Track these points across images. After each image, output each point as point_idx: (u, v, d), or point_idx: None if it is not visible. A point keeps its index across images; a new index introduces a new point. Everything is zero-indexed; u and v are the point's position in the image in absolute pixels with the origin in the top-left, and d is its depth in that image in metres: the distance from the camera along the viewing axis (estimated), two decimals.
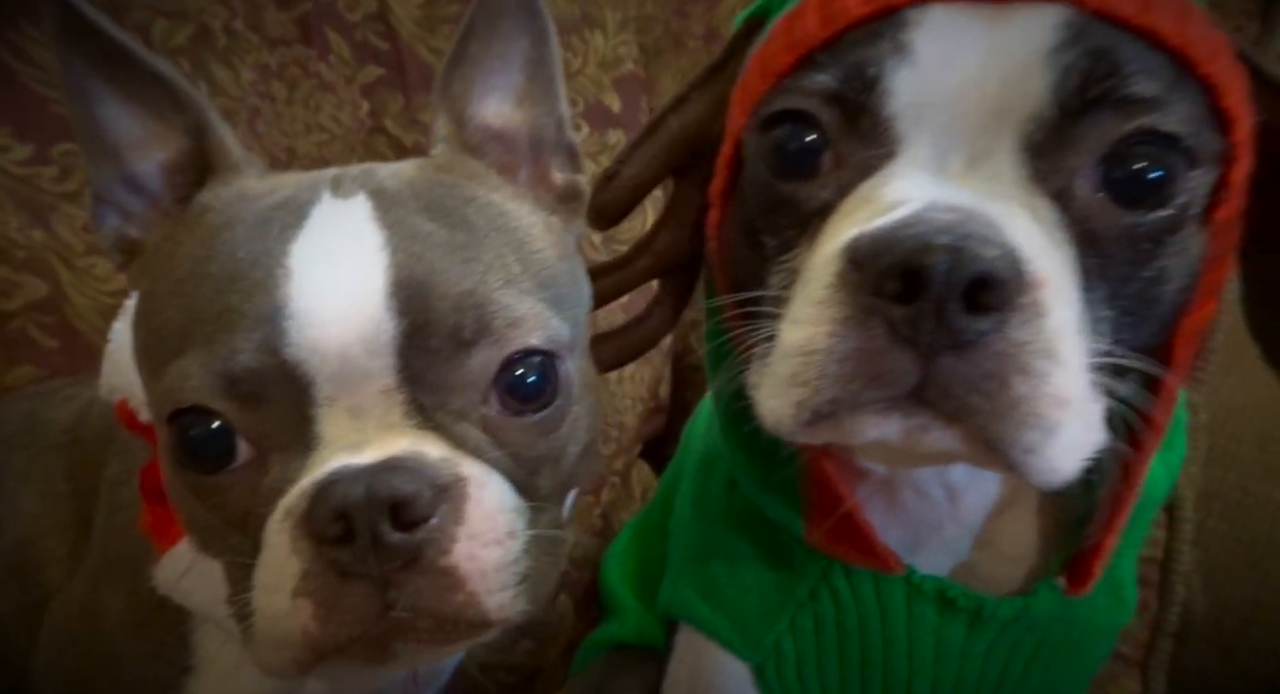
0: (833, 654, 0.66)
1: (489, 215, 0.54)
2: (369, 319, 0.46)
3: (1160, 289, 0.47)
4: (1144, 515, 0.65)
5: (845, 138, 0.47)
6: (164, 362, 0.47)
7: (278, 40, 1.16)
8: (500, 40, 0.59)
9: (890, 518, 0.61)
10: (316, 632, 0.45)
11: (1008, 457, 0.42)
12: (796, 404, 0.44)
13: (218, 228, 0.50)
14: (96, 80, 0.53)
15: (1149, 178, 0.44)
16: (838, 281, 0.42)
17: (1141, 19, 0.44)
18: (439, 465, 0.47)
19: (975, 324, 0.40)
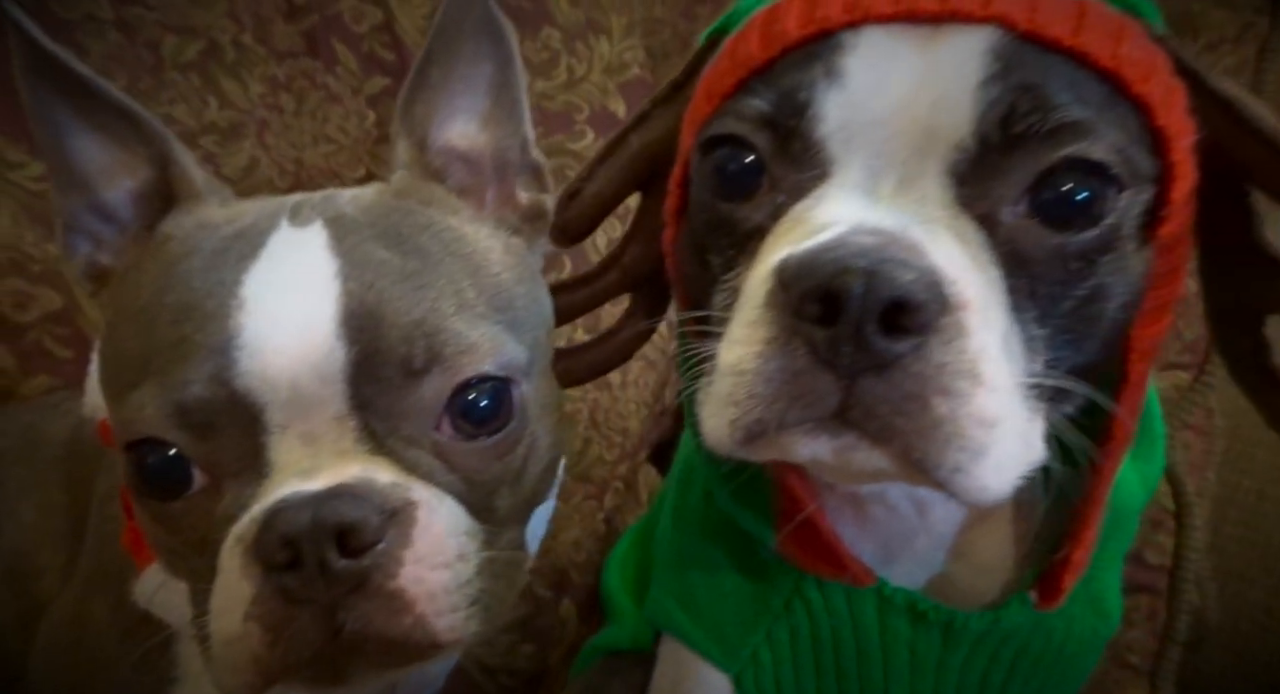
0: (809, 666, 0.66)
1: (445, 241, 0.54)
2: (319, 347, 0.47)
3: (1099, 307, 0.47)
4: (1122, 528, 0.64)
5: (779, 161, 0.47)
6: (123, 391, 0.49)
7: (285, 53, 1.18)
8: (463, 64, 0.60)
9: (860, 531, 0.61)
10: (266, 655, 0.46)
11: (935, 476, 0.42)
12: (730, 423, 0.44)
13: (177, 257, 0.51)
14: (64, 112, 0.55)
15: (1076, 200, 0.44)
16: (767, 302, 0.43)
17: (1073, 41, 0.44)
18: (388, 490, 0.47)
19: (893, 346, 0.41)
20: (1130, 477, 0.61)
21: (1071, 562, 0.57)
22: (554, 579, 1.14)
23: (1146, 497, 0.63)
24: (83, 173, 0.56)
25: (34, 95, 0.54)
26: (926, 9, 0.45)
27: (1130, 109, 0.46)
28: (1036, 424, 0.46)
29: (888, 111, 0.45)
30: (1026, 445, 0.45)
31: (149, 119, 0.56)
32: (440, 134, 0.60)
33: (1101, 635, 0.67)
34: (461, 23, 0.59)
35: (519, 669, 1.12)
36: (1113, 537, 0.64)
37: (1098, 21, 0.45)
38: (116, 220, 0.57)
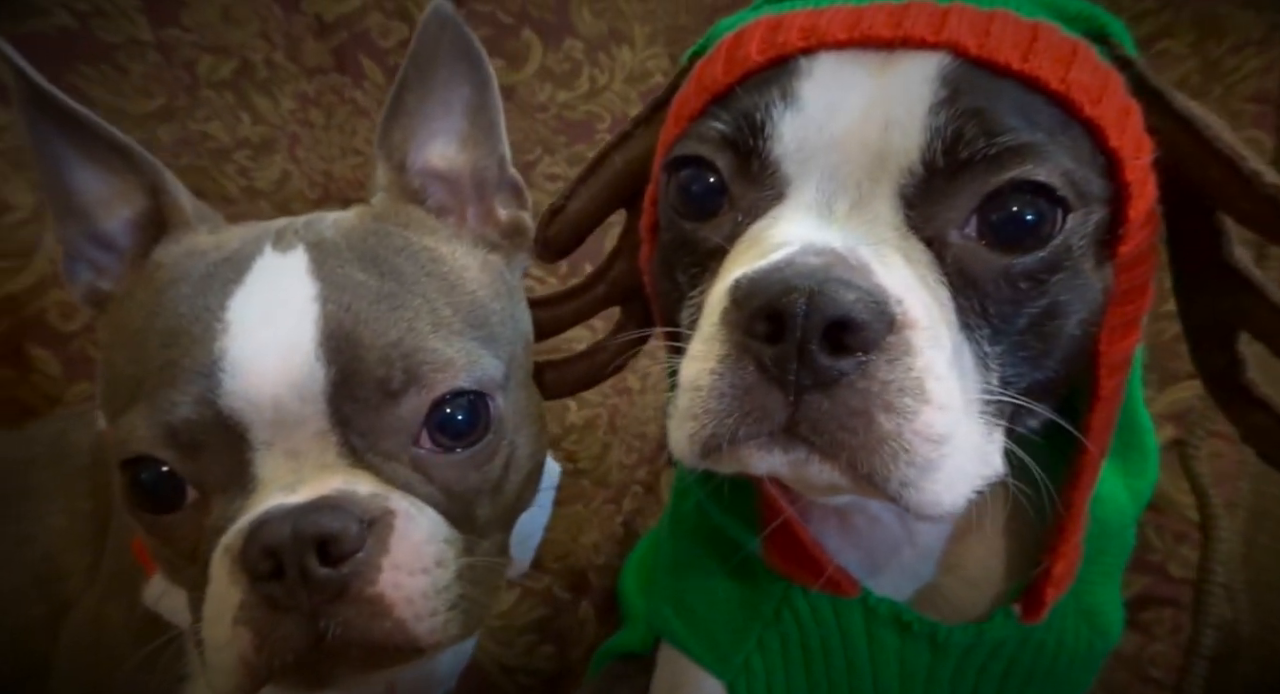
0: (800, 674, 0.66)
1: (421, 261, 0.56)
2: (300, 368, 0.49)
3: (1055, 324, 0.47)
4: (1114, 543, 0.63)
5: (739, 181, 0.49)
6: (118, 411, 0.52)
7: (315, 70, 1.22)
8: (439, 88, 0.62)
9: (845, 541, 0.62)
10: (254, 658, 0.48)
11: (884, 490, 0.43)
12: (689, 437, 0.45)
13: (166, 284, 0.54)
14: (62, 146, 0.58)
15: (1021, 222, 0.45)
16: (722, 320, 0.44)
17: (1022, 66, 0.45)
18: (367, 501, 0.50)
19: (836, 363, 0.41)
20: (1117, 491, 0.60)
21: (1052, 575, 0.57)
22: (573, 581, 1.15)
23: (1137, 511, 0.62)
24: (81, 204, 0.60)
25: (33, 131, 0.58)
26: (879, 35, 0.46)
27: (1082, 131, 0.46)
28: (994, 440, 0.47)
29: (841, 134, 0.46)
30: (981, 461, 0.46)
31: (141, 152, 0.59)
32: (419, 156, 0.63)
33: (1098, 650, 0.66)
34: (435, 49, 0.61)
35: (538, 669, 1.14)
36: (1105, 551, 0.63)
37: (1048, 47, 0.46)
38: (114, 248, 0.60)
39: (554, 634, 1.14)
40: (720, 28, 0.54)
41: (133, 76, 1.13)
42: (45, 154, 0.58)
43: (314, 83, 1.22)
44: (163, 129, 1.14)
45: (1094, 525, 0.59)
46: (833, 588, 0.61)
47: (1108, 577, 0.65)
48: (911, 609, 0.63)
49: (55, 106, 0.57)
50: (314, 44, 1.22)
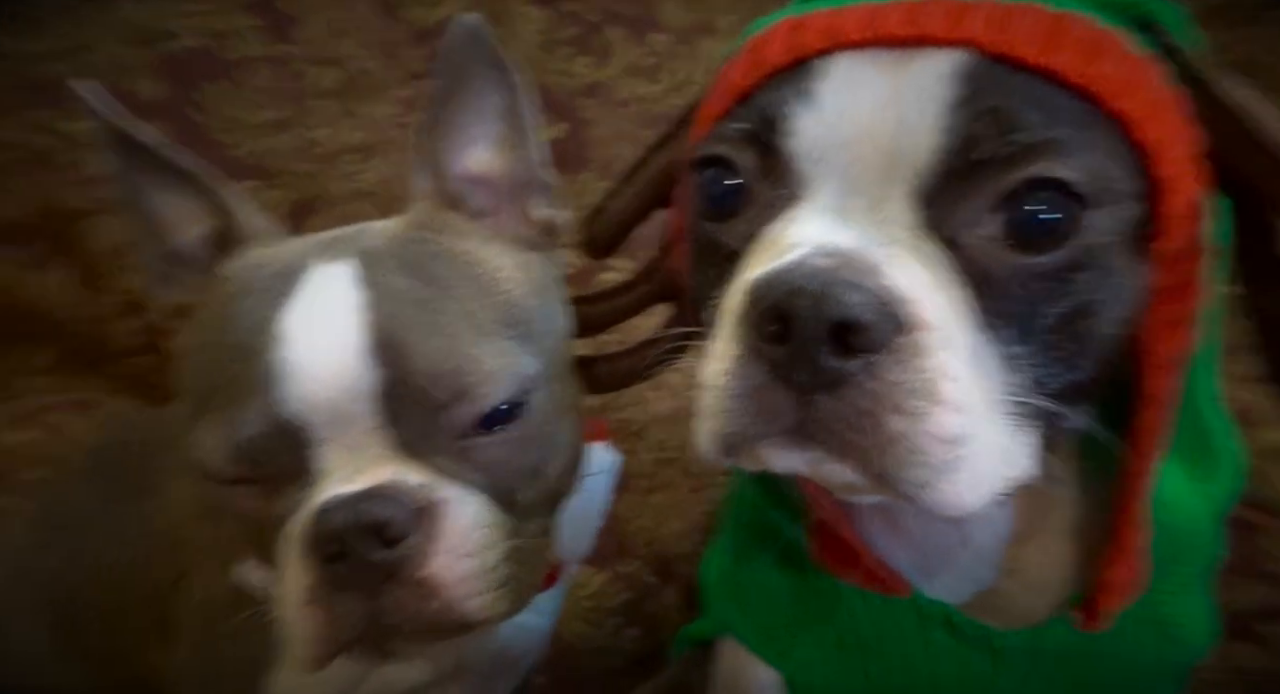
0: (855, 670, 0.66)
1: (458, 265, 0.60)
2: (351, 372, 0.53)
3: (1086, 324, 0.46)
4: (1190, 551, 0.60)
5: (758, 180, 0.49)
6: (194, 414, 0.56)
7: (412, 75, 1.29)
8: (472, 97, 0.65)
9: (895, 541, 0.61)
10: (322, 633, 0.53)
11: (899, 490, 0.43)
12: (709, 435, 0.46)
13: (230, 297, 0.59)
14: (138, 174, 0.64)
15: (1040, 220, 0.44)
16: (737, 320, 0.45)
17: (1043, 60, 0.43)
18: (416, 490, 0.53)
19: (842, 365, 0.41)
20: (1186, 496, 0.57)
21: (1109, 582, 0.55)
22: (659, 567, 1.18)
23: (1213, 518, 0.59)
24: (158, 225, 0.65)
25: (114, 162, 0.63)
26: (895, 34, 0.46)
27: (1110, 125, 0.44)
28: (1023, 441, 0.46)
29: (855, 135, 0.45)
30: (1008, 463, 0.45)
31: (207, 175, 0.64)
32: (456, 163, 0.65)
33: (1171, 661, 0.63)
34: (466, 60, 0.64)
35: (624, 651, 1.17)
36: (1180, 560, 0.60)
37: (1072, 39, 0.44)
38: (190, 264, 0.66)
39: (640, 618, 1.17)
40: (753, 28, 0.55)
41: (251, 90, 1.22)
42: (125, 182, 0.64)
43: (411, 88, 1.28)
44: (277, 138, 1.23)
45: (1161, 532, 0.56)
46: (881, 587, 0.61)
47: (1186, 587, 0.61)
48: (965, 612, 0.62)
49: (131, 140, 0.63)
50: (410, 51, 1.29)
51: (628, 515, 1.19)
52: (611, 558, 1.19)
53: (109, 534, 0.81)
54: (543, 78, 1.31)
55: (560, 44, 1.32)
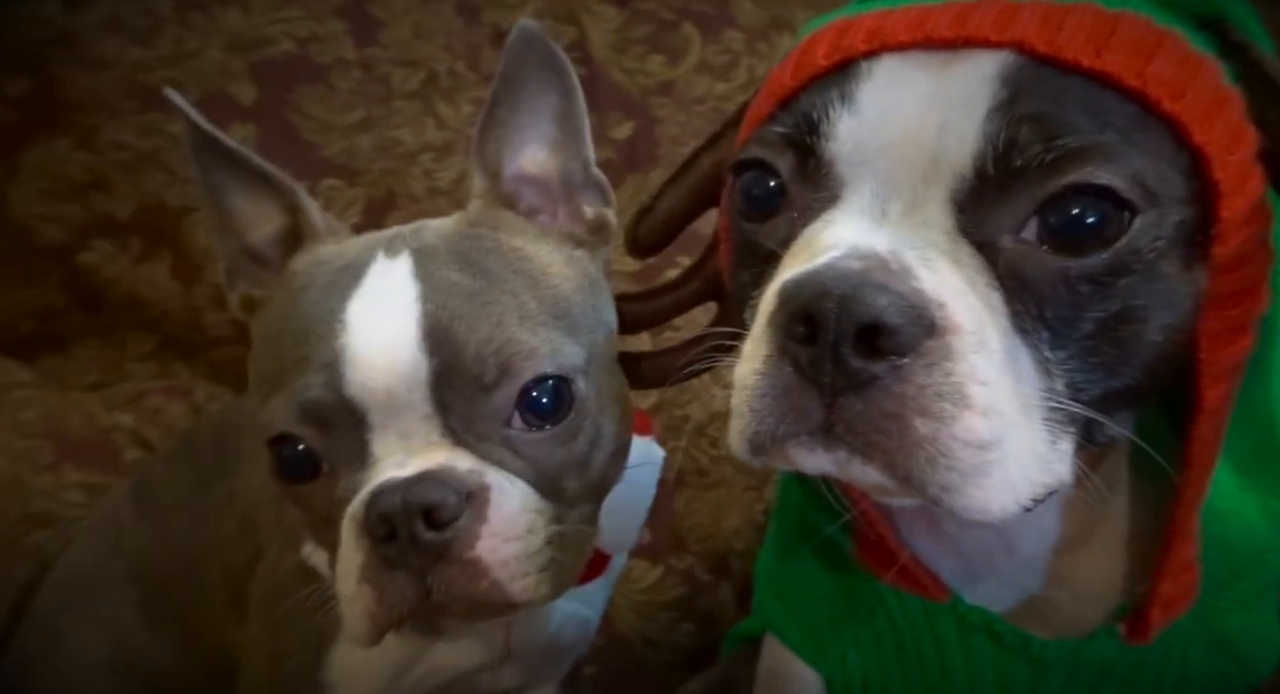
0: (895, 672, 0.66)
1: (509, 260, 0.62)
2: (406, 361, 0.56)
3: (1131, 330, 0.45)
4: (1252, 569, 0.58)
5: (797, 182, 0.49)
6: (264, 399, 0.60)
7: (491, 75, 1.31)
8: (529, 99, 0.67)
9: (936, 546, 0.61)
10: (375, 610, 0.55)
11: (926, 493, 0.43)
12: (739, 434, 0.47)
13: (299, 289, 0.62)
14: (220, 176, 0.68)
15: (1082, 225, 0.43)
16: (769, 321, 0.45)
17: (1094, 62, 0.43)
18: (466, 476, 0.56)
19: (868, 366, 0.42)
20: (1246, 510, 0.55)
21: (1158, 595, 0.54)
22: (714, 564, 1.19)
23: (1274, 534, 0.56)
24: (236, 223, 0.70)
25: (199, 165, 0.68)
26: (942, 36, 0.45)
27: (1162, 128, 0.43)
28: (1059, 447, 0.45)
29: (896, 137, 0.45)
30: (1042, 469, 0.45)
31: (281, 177, 0.68)
32: (512, 164, 0.68)
33: (1236, 682, 0.61)
34: (523, 64, 0.66)
35: (679, 645, 1.19)
36: (1240, 577, 0.58)
37: (1127, 40, 0.43)
38: (263, 260, 0.70)
39: (695, 613, 1.18)
40: (808, 29, 0.55)
41: (340, 92, 1.28)
42: (208, 184, 0.69)
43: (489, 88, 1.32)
44: (362, 137, 1.28)
45: (1215, 546, 0.55)
46: (920, 591, 0.61)
47: (1245, 605, 0.59)
48: (1007, 619, 0.61)
49: (214, 144, 0.67)
50: (490, 52, 1.32)
51: (684, 511, 1.20)
52: (667, 553, 1.20)
53: (194, 514, 0.87)
54: (615, 76, 1.33)
55: (634, 43, 1.33)
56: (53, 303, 1.27)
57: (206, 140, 0.67)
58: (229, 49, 1.24)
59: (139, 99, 1.21)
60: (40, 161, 1.22)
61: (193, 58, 1.23)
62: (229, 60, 1.24)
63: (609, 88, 1.33)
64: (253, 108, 1.24)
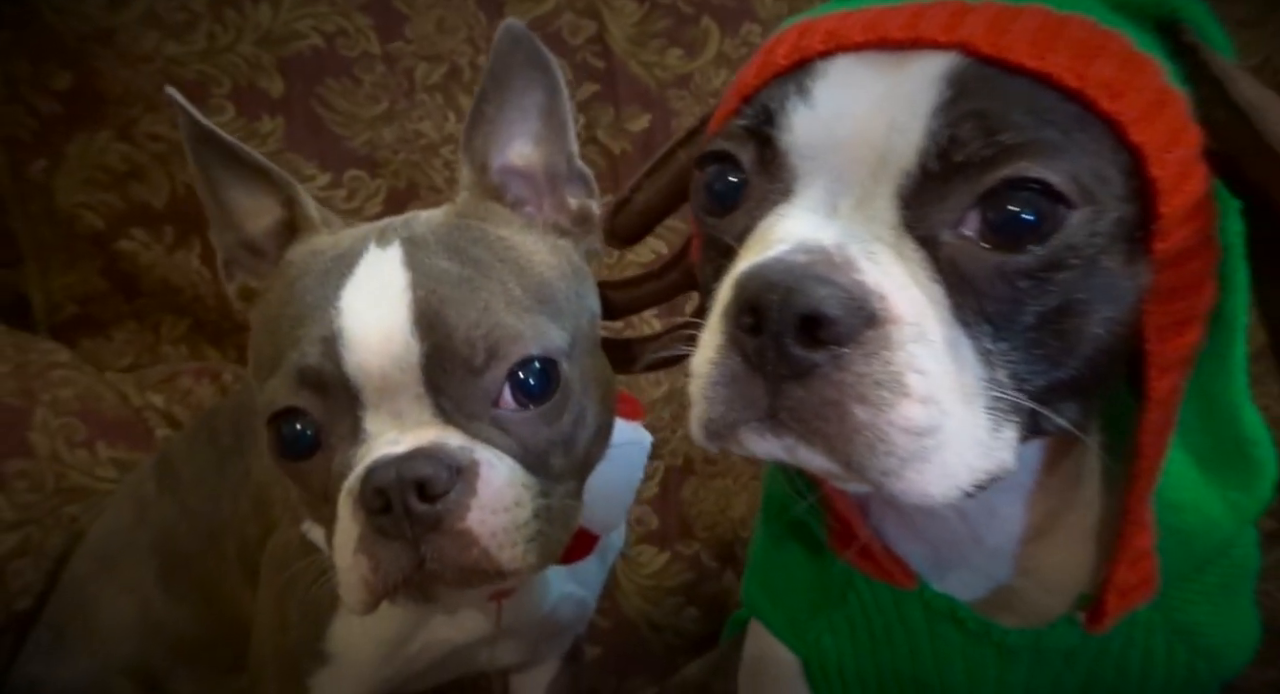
0: (866, 657, 0.67)
1: (496, 249, 0.65)
2: (398, 344, 0.59)
3: (1072, 323, 0.46)
4: (1217, 561, 0.58)
5: (756, 174, 0.51)
6: (262, 380, 0.63)
7: None
8: (515, 96, 0.70)
9: (906, 533, 0.62)
10: (371, 579, 0.59)
11: (867, 478, 0.44)
12: (696, 420, 0.49)
13: (295, 278, 0.65)
14: (219, 171, 0.71)
15: (1019, 220, 0.44)
16: (723, 312, 0.47)
17: (1037, 65, 0.44)
18: (456, 453, 0.59)
19: (809, 355, 0.43)
20: (1206, 503, 0.56)
21: (1114, 583, 0.54)
22: (720, 552, 1.21)
23: (1236, 527, 0.57)
24: (234, 216, 0.73)
25: (197, 160, 0.71)
26: (894, 37, 0.47)
27: (1103, 127, 0.44)
28: (1004, 434, 0.46)
29: (848, 134, 0.47)
30: (985, 455, 0.46)
31: (278, 171, 0.71)
32: (499, 157, 0.71)
33: (1202, 675, 0.61)
34: (511, 62, 0.69)
35: (684, 630, 1.21)
36: (1204, 570, 0.59)
37: (1069, 42, 0.44)
38: (259, 252, 0.73)
39: (699, 599, 1.20)
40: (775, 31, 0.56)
41: (365, 85, 1.32)
42: (206, 178, 0.72)
43: None
44: (386, 130, 1.31)
45: (1172, 537, 0.55)
46: (887, 578, 0.62)
47: (1210, 597, 0.60)
48: (980, 608, 0.62)
49: (213, 138, 0.70)
50: None
51: (692, 499, 1.23)
52: (674, 539, 1.22)
53: (212, 491, 0.91)
54: (633, 69, 1.35)
55: (653, 36, 1.35)
56: (93, 288, 1.33)
57: (205, 135, 0.70)
58: (259, 44, 1.28)
59: None
60: (83, 152, 1.28)
61: (225, 52, 1.27)
62: (259, 54, 1.28)
63: (627, 81, 1.35)
64: (281, 101, 1.28)
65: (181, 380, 1.25)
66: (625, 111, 1.34)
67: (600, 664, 1.20)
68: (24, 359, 1.15)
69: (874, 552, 0.61)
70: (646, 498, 1.25)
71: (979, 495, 0.54)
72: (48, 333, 1.32)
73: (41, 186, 1.29)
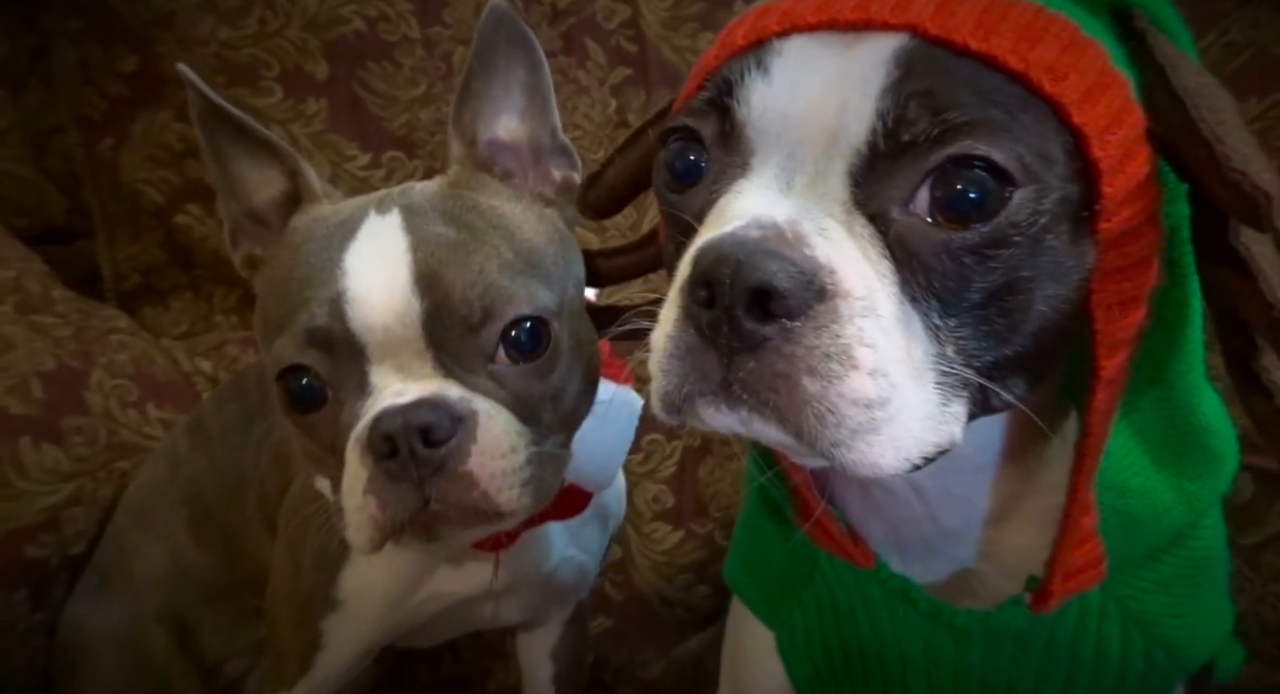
0: (833, 634, 0.69)
1: (488, 217, 0.69)
2: (400, 302, 0.63)
3: (1017, 300, 0.46)
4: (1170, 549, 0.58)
5: (717, 148, 0.52)
6: (270, 340, 0.68)
7: (546, 54, 1.37)
8: (500, 74, 0.73)
9: (867, 511, 0.63)
10: (379, 518, 0.63)
11: (817, 449, 0.45)
12: (655, 393, 0.50)
13: (300, 243, 0.70)
14: (226, 144, 0.76)
15: (965, 198, 0.45)
16: (680, 287, 0.48)
17: (981, 46, 0.44)
18: (457, 403, 0.64)
19: (760, 328, 0.44)
20: (1157, 490, 0.56)
21: (1058, 564, 0.55)
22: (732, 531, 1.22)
23: (1188, 516, 0.56)
24: (240, 188, 0.77)
25: (205, 134, 0.76)
26: (846, 18, 0.47)
27: (1045, 109, 0.45)
28: (953, 408, 0.47)
29: (802, 111, 0.48)
30: (933, 428, 0.47)
31: (282, 145, 0.76)
32: (486, 131, 0.75)
33: (1161, 665, 0.61)
34: (495, 42, 0.72)
35: (694, 606, 1.23)
36: (1158, 559, 0.59)
37: (1014, 25, 0.45)
38: (264, 222, 0.78)
39: (711, 577, 1.22)
40: None
41: (404, 69, 1.36)
42: (214, 151, 0.76)
43: None
44: (423, 111, 1.36)
45: (1115, 518, 0.55)
46: (845, 556, 0.63)
47: (1168, 588, 0.59)
48: (941, 591, 0.63)
49: (221, 113, 0.75)
50: (547, 30, 1.37)
51: (708, 479, 1.24)
52: (688, 518, 1.24)
53: (237, 446, 0.97)
54: (666, 54, 1.36)
55: (686, 20, 1.36)
56: (154, 259, 1.42)
57: (214, 110, 0.75)
58: (306, 28, 1.34)
59: (226, 74, 1.33)
60: (145, 131, 1.36)
61: (274, 37, 1.33)
62: (306, 39, 1.34)
63: (660, 65, 1.36)
64: (325, 83, 1.34)
65: (228, 348, 1.33)
66: (656, 95, 1.35)
67: (612, 636, 1.23)
68: (86, 324, 1.24)
69: (830, 529, 0.62)
70: (664, 477, 1.27)
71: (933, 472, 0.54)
72: (115, 300, 1.41)
73: (109, 163, 1.37)
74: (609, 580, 1.24)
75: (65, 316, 1.21)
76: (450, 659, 1.24)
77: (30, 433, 1.06)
